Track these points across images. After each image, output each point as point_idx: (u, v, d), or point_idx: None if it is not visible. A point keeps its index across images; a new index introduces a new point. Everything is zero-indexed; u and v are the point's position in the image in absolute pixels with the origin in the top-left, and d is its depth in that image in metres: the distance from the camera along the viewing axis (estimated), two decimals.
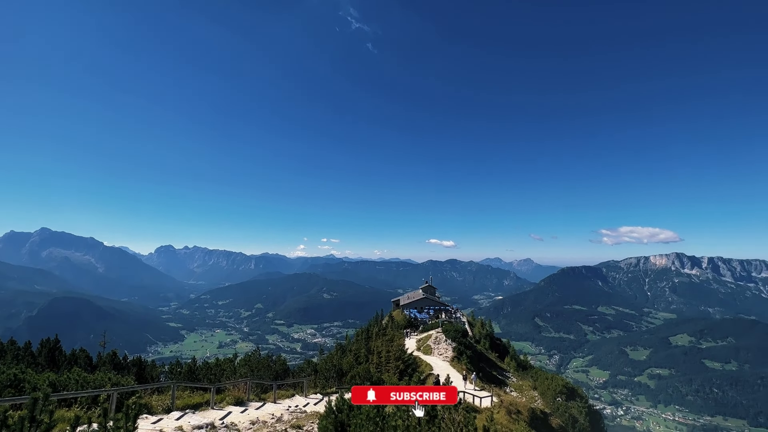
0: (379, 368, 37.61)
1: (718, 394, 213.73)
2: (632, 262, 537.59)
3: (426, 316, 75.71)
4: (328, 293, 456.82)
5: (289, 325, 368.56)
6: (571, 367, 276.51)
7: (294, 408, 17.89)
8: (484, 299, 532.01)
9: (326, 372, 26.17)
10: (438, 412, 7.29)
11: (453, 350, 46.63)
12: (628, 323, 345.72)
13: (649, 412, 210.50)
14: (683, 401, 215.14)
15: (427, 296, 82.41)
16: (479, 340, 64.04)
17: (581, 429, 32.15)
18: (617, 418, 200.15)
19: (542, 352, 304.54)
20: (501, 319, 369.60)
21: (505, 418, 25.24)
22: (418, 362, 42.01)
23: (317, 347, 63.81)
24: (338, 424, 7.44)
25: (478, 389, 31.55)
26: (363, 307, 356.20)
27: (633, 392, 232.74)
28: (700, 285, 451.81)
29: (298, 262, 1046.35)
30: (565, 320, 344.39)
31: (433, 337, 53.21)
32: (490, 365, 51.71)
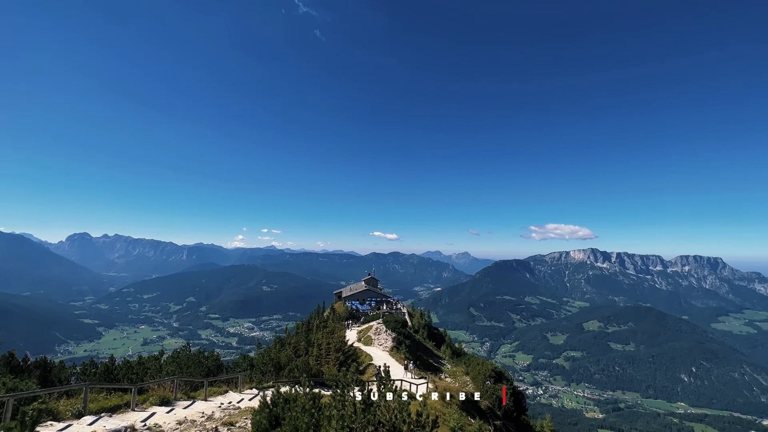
0: (319, 360, 37.36)
1: (619, 371, 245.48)
2: (555, 256, 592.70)
3: (368, 308, 76.61)
4: (267, 285, 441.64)
5: (224, 319, 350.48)
6: (500, 353, 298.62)
7: (227, 405, 17.11)
8: (425, 291, 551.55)
9: (263, 366, 25.34)
10: (374, 400, 7.44)
11: (393, 340, 47.79)
12: (550, 311, 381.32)
13: (564, 390, 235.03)
14: (591, 379, 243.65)
15: (370, 288, 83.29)
16: (418, 330, 66.30)
17: (506, 408, 34.72)
18: (537, 397, 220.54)
19: (475, 339, 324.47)
20: (439, 310, 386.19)
21: (439, 402, 26.44)
22: (359, 353, 42.43)
23: (255, 341, 61.50)
24: (273, 418, 7.24)
25: (416, 377, 32.70)
26: (305, 299, 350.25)
27: (551, 373, 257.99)
28: (609, 277, 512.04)
29: (236, 253, 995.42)
30: (497, 310, 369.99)
31: (374, 328, 54.03)
32: (428, 354, 53.94)
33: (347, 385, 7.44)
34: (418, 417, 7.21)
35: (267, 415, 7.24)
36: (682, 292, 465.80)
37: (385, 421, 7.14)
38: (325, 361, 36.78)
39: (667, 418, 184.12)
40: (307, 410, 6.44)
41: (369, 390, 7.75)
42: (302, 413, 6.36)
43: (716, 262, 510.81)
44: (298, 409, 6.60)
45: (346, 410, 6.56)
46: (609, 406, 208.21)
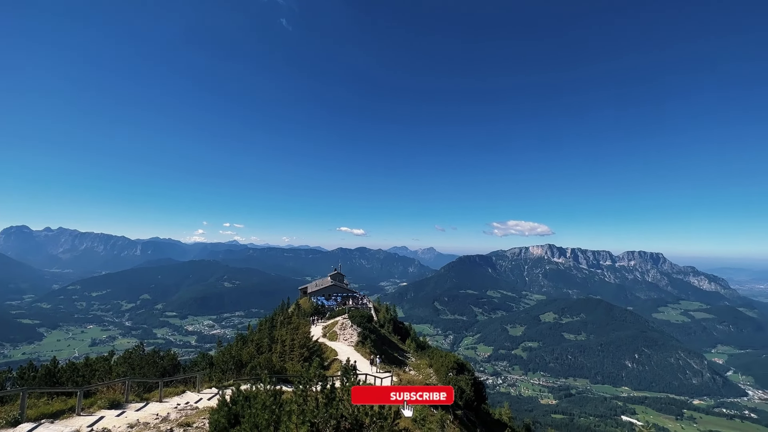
0: (283, 357, 36.76)
1: (571, 360, 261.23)
2: (516, 251, 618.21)
3: (333, 303, 76.22)
4: (229, 281, 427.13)
5: (182, 317, 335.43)
6: (463, 345, 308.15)
7: (184, 405, 16.45)
8: (391, 285, 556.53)
9: (223, 364, 24.55)
10: (336, 394, 7.45)
11: (358, 335, 47.91)
12: (510, 305, 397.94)
13: (521, 379, 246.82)
14: (546, 368, 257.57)
15: (336, 283, 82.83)
16: (383, 324, 66.86)
17: (467, 398, 35.89)
18: (497, 387, 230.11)
19: (440, 332, 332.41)
20: (405, 304, 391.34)
21: None
22: (324, 348, 42.17)
23: (215, 339, 59.20)
24: (232, 416, 7.04)
25: (381, 371, 33.04)
26: (268, 295, 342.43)
27: (510, 363, 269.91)
28: (564, 271, 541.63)
29: (195, 248, 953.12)
30: (460, 303, 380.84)
31: (340, 324, 53.89)
32: (393, 348, 54.60)
33: (309, 380, 7.39)
34: (380, 409, 7.32)
35: (226, 414, 7.03)
36: (628, 285, 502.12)
37: (348, 414, 7.17)
38: (289, 357, 36.25)
39: (613, 401, 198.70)
40: (267, 407, 6.31)
41: (332, 384, 7.75)
42: (262, 410, 6.23)
43: (658, 257, 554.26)
44: (258, 406, 6.45)
45: (308, 405, 6.52)
46: (562, 392, 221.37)
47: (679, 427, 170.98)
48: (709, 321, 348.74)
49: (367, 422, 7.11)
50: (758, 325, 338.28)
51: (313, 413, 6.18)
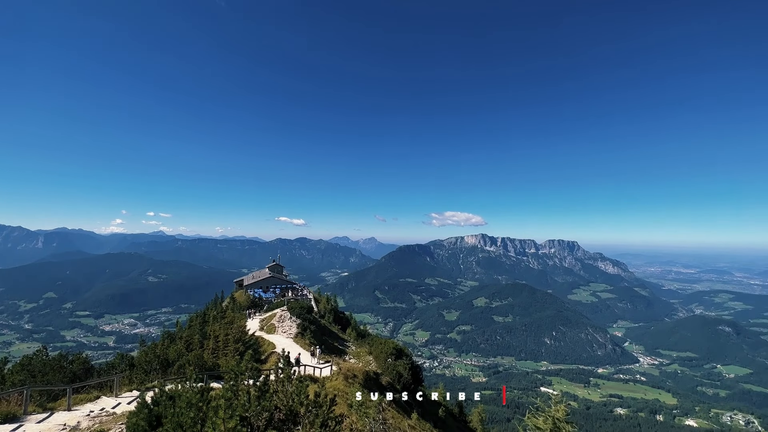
0: (216, 353, 34.92)
1: (500, 340, 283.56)
2: (452, 241, 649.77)
3: (272, 296, 73.82)
4: (155, 276, 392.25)
5: (97, 317, 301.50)
6: (402, 332, 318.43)
7: (98, 412, 14.89)
8: (332, 276, 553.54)
9: (146, 365, 22.60)
10: (270, 387, 7.27)
11: (297, 327, 47.07)
12: (446, 291, 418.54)
13: (455, 361, 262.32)
14: (478, 348, 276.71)
15: (274, 275, 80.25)
16: (324, 315, 66.47)
17: (405, 382, 37.23)
18: (433, 369, 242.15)
19: (380, 321, 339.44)
20: (346, 294, 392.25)
21: (342, 383, 27.13)
22: (261, 342, 40.83)
23: (138, 339, 53.68)
24: (153, 418, 6.48)
25: (322, 361, 32.96)
26: (200, 289, 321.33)
27: (445, 346, 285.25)
28: (495, 259, 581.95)
29: (112, 239, 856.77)
30: (400, 292, 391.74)
31: (278, 316, 52.46)
32: (333, 337, 54.60)
33: (241, 374, 7.10)
34: (316, 398, 7.29)
35: (146, 416, 6.45)
36: (549, 270, 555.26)
37: (282, 405, 7.03)
38: (223, 353, 34.54)
39: (534, 375, 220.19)
40: (193, 405, 5.93)
41: (265, 377, 7.53)
42: (187, 408, 5.84)
43: (573, 245, 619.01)
44: (183, 404, 6.04)
45: (239, 400, 6.27)
46: (491, 370, 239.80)
47: (587, 393, 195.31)
48: (612, 300, 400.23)
49: (302, 412, 7.05)
50: (648, 303, 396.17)
51: (244, 407, 5.94)
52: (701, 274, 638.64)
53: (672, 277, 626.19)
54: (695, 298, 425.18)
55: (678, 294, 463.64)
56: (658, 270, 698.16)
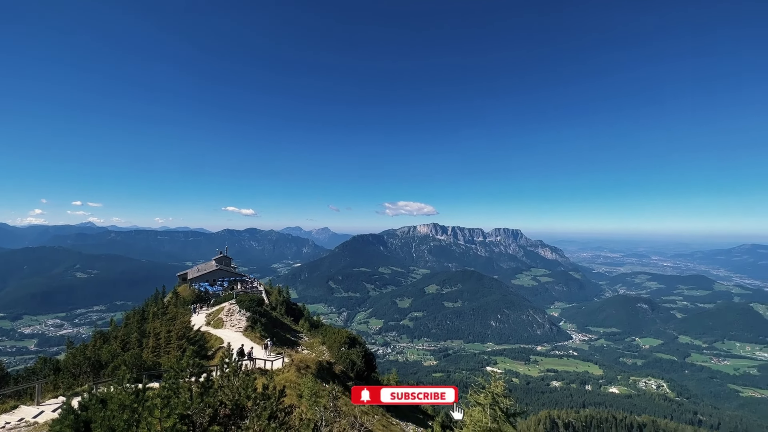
0: (157, 351, 32.85)
1: (450, 324, 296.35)
2: (405, 230, 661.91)
3: (219, 289, 70.59)
4: (83, 271, 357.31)
5: (14, 318, 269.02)
6: (356, 321, 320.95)
7: (16, 423, 13.42)
8: (284, 267, 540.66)
9: (75, 368, 20.64)
10: (214, 382, 7.01)
11: (247, 320, 45.56)
12: (400, 279, 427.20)
13: (408, 347, 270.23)
14: (429, 333, 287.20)
15: (221, 268, 76.69)
16: (275, 307, 64.98)
17: (359, 370, 37.69)
18: (387, 356, 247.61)
19: (334, 311, 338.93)
20: (298, 285, 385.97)
21: (294, 374, 26.89)
22: (208, 337, 39.04)
23: (65, 341, 48.48)
24: (81, 424, 5.93)
25: (273, 354, 32.32)
26: (138, 285, 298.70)
27: (398, 333, 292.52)
28: (446, 247, 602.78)
29: (31, 232, 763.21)
30: (354, 281, 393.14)
31: (226, 310, 50.37)
32: (285, 329, 53.64)
33: (182, 371, 6.74)
34: (264, 390, 7.16)
35: (72, 423, 5.88)
36: (495, 257, 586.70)
37: (228, 400, 6.82)
38: (165, 351, 32.58)
39: (481, 356, 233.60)
40: (127, 406, 5.54)
41: (210, 372, 7.25)
42: (120, 411, 5.43)
43: (517, 233, 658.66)
44: (115, 407, 5.61)
45: (180, 397, 5.96)
46: (441, 353, 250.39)
47: (527, 369, 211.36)
48: (550, 283, 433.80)
49: (249, 405, 6.88)
50: (581, 285, 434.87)
51: (185, 405, 5.66)
52: (625, 258, 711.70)
53: (601, 261, 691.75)
54: (619, 280, 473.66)
55: (605, 276, 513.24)
56: (589, 255, 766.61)
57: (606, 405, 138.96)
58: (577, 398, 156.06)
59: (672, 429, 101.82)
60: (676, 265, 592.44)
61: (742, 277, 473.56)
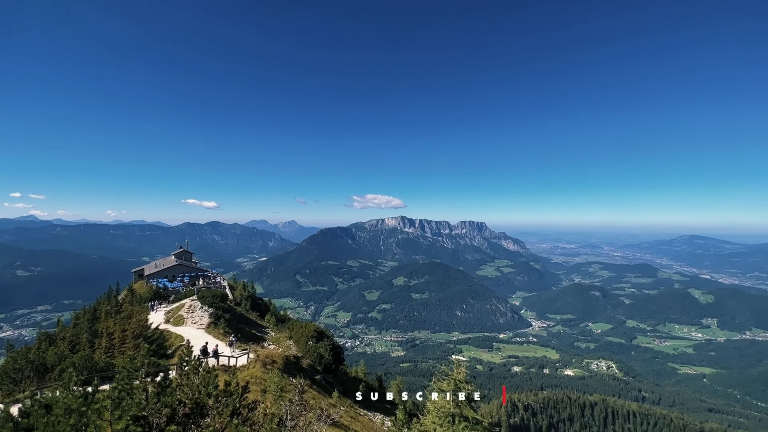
0: (111, 352, 31.09)
1: (417, 315, 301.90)
2: (373, 223, 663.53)
3: (179, 285, 67.56)
4: (25, 269, 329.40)
5: None
6: (324, 314, 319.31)
7: None
8: (249, 261, 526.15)
9: (15, 373, 19.09)
10: (172, 381, 6.74)
11: (210, 316, 44.03)
12: (368, 272, 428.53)
13: (376, 338, 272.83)
14: (397, 325, 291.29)
15: (181, 263, 73.37)
16: (240, 302, 63.24)
17: (326, 363, 37.63)
18: (355, 348, 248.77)
19: (301, 305, 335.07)
20: (264, 280, 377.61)
21: (260, 370, 26.43)
22: (167, 336, 37.38)
23: (4, 344, 44.32)
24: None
25: (238, 351, 31.54)
26: (89, 283, 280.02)
27: (367, 325, 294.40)
28: (413, 240, 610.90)
29: None
30: (321, 275, 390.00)
31: (187, 306, 48.37)
32: (251, 325, 52.39)
33: (135, 370, 6.42)
34: (226, 387, 6.97)
35: (10, 431, 5.44)
36: (461, 249, 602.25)
37: (187, 399, 6.59)
38: (119, 351, 30.90)
39: (447, 345, 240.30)
40: (74, 410, 5.18)
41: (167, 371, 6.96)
42: (65, 415, 5.06)
43: (482, 225, 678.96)
44: (60, 411, 5.24)
45: (135, 398, 5.67)
46: (409, 344, 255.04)
47: (490, 356, 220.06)
48: (512, 274, 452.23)
49: (210, 403, 6.69)
50: (540, 275, 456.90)
51: (140, 406, 5.40)
52: (580, 249, 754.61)
53: (559, 252, 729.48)
54: (575, 269, 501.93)
55: (563, 266, 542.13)
56: (548, 246, 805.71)
57: (562, 387, 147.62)
58: (536, 381, 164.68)
59: (619, 406, 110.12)
60: (625, 255, 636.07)
61: (681, 265, 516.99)
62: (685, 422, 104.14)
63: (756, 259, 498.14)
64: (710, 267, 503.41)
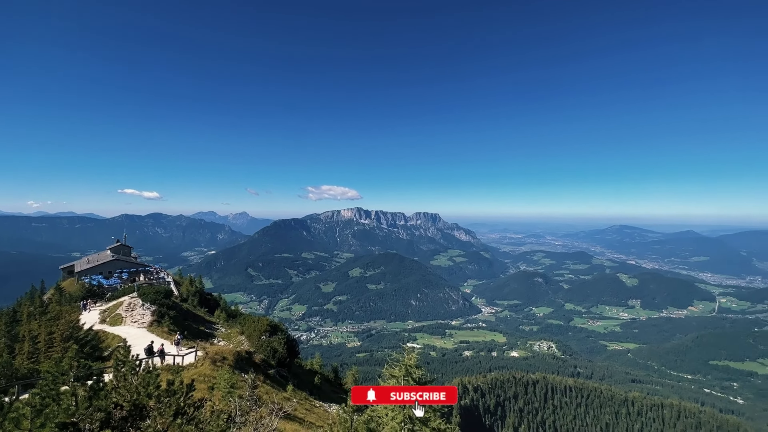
0: (35, 357, 28.17)
1: (373, 306, 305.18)
2: (329, 214, 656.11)
3: (117, 282, 62.45)
4: None
5: None
6: (278, 308, 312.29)
7: None
8: (196, 255, 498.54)
9: None
10: (106, 384, 6.29)
11: (153, 314, 41.31)
12: (323, 264, 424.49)
13: (332, 330, 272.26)
14: (353, 316, 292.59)
15: (118, 258, 67.78)
16: (187, 298, 60.03)
17: (280, 357, 37.08)
18: (310, 340, 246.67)
19: (254, 299, 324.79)
20: (214, 274, 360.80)
21: (209, 368, 25.44)
22: (103, 336, 34.55)
23: None
24: None
25: (185, 349, 30.00)
26: (7, 281, 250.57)
27: (322, 317, 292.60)
28: (369, 231, 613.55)
29: None
30: (275, 267, 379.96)
31: (126, 304, 44.92)
32: (199, 321, 49.94)
33: (62, 374, 5.87)
34: (169, 386, 6.62)
35: None
36: (416, 240, 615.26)
37: (125, 401, 6.18)
38: (45, 356, 28.05)
39: (402, 333, 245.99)
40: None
41: (101, 374, 6.48)
42: None
43: (436, 216, 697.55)
44: None
45: (62, 404, 5.20)
46: (365, 334, 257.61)
47: (443, 343, 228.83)
48: (464, 263, 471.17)
49: (151, 404, 6.33)
50: (489, 263, 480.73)
51: (68, 412, 4.94)
52: (525, 239, 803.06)
53: (507, 241, 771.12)
54: (521, 258, 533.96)
55: (510, 255, 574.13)
56: (497, 236, 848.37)
57: (508, 367, 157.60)
58: (485, 364, 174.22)
59: (558, 382, 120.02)
60: (565, 244, 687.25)
61: (612, 253, 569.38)
62: (613, 393, 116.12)
63: (673, 246, 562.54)
64: (636, 253, 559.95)
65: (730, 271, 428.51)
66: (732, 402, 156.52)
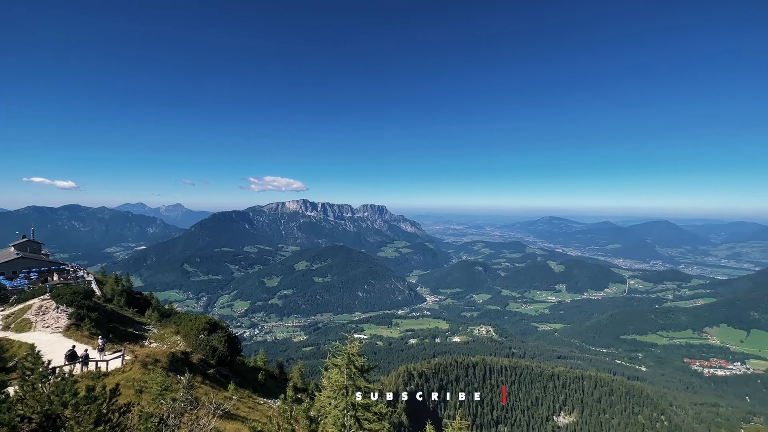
0: None
1: (320, 299, 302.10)
2: (273, 206, 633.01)
3: (24, 283, 54.93)
4: None
5: None
6: (219, 305, 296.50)
7: None
8: (123, 251, 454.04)
9: None
10: (9, 396, 5.59)
11: (70, 317, 37.05)
12: (267, 258, 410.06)
13: (277, 326, 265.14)
14: (299, 310, 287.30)
15: (25, 255, 59.58)
16: (111, 298, 54.68)
17: (221, 356, 35.49)
18: (254, 337, 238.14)
19: (191, 296, 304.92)
20: (144, 271, 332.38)
21: (139, 372, 23.60)
22: (7, 345, 30.33)
23: None
24: None
25: (109, 353, 27.36)
26: None
27: (267, 313, 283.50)
28: (315, 224, 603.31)
29: None
30: (215, 263, 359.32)
31: (36, 307, 39.74)
32: (126, 323, 45.82)
33: None
34: (89, 393, 6.06)
35: None
36: (363, 232, 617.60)
37: (33, 413, 5.53)
38: None
39: (349, 325, 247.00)
40: None
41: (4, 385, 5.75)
42: None
43: (382, 209, 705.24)
44: None
45: None
46: (311, 328, 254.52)
47: (390, 332, 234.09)
48: (410, 254, 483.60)
49: (68, 413, 5.75)
50: (434, 254, 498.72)
51: None
52: (467, 230, 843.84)
53: (450, 232, 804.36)
54: (463, 248, 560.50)
55: (453, 245, 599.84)
56: (441, 228, 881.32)
57: (451, 352, 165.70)
58: (429, 351, 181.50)
59: (495, 363, 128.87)
60: (502, 234, 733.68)
61: (543, 242, 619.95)
62: (542, 369, 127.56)
63: (593, 235, 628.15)
64: (563, 242, 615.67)
65: (638, 257, 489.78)
66: (637, 370, 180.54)
